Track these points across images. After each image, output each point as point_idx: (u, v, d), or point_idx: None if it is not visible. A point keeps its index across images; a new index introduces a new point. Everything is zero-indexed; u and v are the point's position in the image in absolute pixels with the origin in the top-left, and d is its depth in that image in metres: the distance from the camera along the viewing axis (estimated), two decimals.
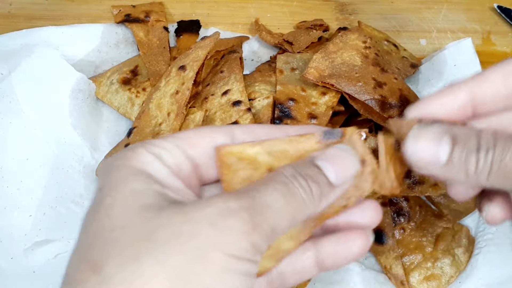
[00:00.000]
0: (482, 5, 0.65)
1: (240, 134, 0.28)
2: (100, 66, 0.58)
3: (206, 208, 0.22)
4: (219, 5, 0.64)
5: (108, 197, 0.24)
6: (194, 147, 0.27)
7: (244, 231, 0.22)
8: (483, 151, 0.26)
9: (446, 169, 0.27)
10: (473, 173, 0.27)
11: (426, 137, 0.27)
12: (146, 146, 0.26)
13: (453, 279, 0.46)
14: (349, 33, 0.52)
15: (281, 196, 0.24)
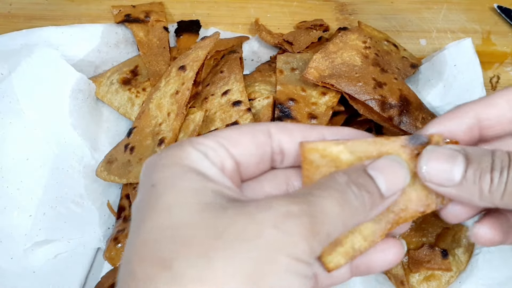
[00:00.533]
0: (482, 5, 0.65)
1: (276, 132, 0.28)
2: (100, 66, 0.58)
3: (269, 210, 0.23)
4: (219, 5, 0.64)
5: (165, 195, 0.24)
6: (236, 145, 0.27)
7: (304, 235, 0.23)
8: (497, 170, 0.27)
9: (459, 188, 0.28)
10: (487, 192, 0.27)
11: (440, 156, 0.28)
12: (193, 144, 0.26)
13: (453, 279, 0.46)
14: (349, 33, 0.52)
15: (337, 204, 0.25)
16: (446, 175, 0.27)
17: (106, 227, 0.48)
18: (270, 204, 0.23)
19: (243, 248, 0.22)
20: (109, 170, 0.48)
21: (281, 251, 0.22)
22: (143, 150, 0.47)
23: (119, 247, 0.45)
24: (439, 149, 0.28)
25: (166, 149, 0.26)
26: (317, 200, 0.24)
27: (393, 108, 0.47)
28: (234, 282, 0.21)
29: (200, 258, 0.21)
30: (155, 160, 0.26)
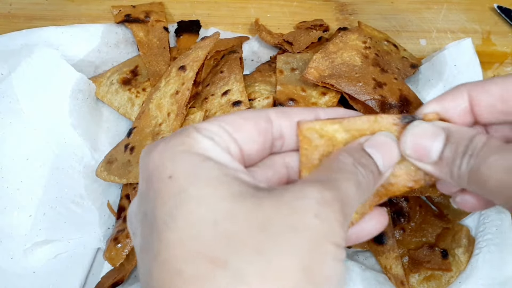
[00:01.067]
0: (482, 5, 0.65)
1: (276, 118, 0.28)
2: (100, 66, 0.58)
3: (305, 199, 0.22)
4: (219, 5, 0.64)
5: (192, 187, 0.22)
6: (239, 131, 0.27)
7: (340, 222, 0.23)
8: (467, 156, 0.27)
9: (436, 166, 0.28)
10: (456, 175, 0.27)
11: (422, 132, 0.28)
12: (198, 130, 0.25)
13: (453, 279, 0.46)
14: (349, 33, 0.52)
15: (354, 186, 0.25)
16: (424, 151, 0.28)
17: (106, 227, 0.48)
18: (304, 193, 0.23)
19: (293, 240, 0.21)
20: (109, 170, 0.48)
21: (327, 239, 0.22)
22: None
23: (119, 247, 0.45)
24: (423, 124, 0.29)
25: (173, 137, 0.25)
26: (341, 185, 0.24)
27: (393, 108, 0.47)
28: (293, 275, 0.21)
29: (254, 254, 0.21)
30: (165, 148, 0.24)
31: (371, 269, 0.47)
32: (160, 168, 0.24)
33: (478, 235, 0.48)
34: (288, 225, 0.21)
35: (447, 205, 0.49)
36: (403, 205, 0.48)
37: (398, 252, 0.46)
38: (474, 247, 0.47)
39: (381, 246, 0.46)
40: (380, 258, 0.46)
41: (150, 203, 0.23)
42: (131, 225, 0.26)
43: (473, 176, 0.26)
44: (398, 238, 0.47)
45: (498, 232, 0.47)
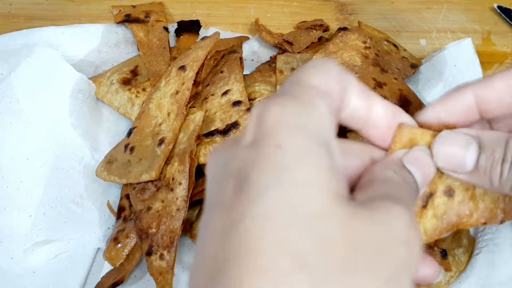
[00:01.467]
0: (482, 5, 0.65)
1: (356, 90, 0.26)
2: (100, 66, 0.58)
3: (397, 224, 0.21)
4: (219, 5, 0.64)
5: (299, 167, 0.20)
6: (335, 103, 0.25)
7: (420, 249, 0.22)
8: (508, 162, 0.26)
9: (472, 175, 0.28)
10: (497, 183, 0.27)
11: (454, 142, 0.28)
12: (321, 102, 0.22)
13: (453, 279, 0.46)
14: (349, 33, 0.52)
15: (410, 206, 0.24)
16: (458, 161, 0.27)
17: (106, 227, 0.48)
18: (391, 214, 0.21)
19: (382, 266, 0.20)
20: (109, 170, 0.48)
21: (409, 271, 0.21)
22: (143, 150, 0.47)
23: (119, 247, 0.45)
24: (453, 134, 0.28)
25: (292, 99, 0.22)
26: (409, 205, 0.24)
27: None
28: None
29: (338, 268, 0.19)
30: (282, 113, 0.22)
31: None
32: (270, 132, 0.21)
33: (478, 235, 0.48)
34: (380, 248, 0.20)
35: None
36: None
37: None
38: (474, 247, 0.47)
39: None
40: None
41: (248, 163, 0.21)
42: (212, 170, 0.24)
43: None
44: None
45: (498, 232, 0.47)
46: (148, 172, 0.45)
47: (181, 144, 0.46)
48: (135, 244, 0.45)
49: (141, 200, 0.46)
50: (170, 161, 0.46)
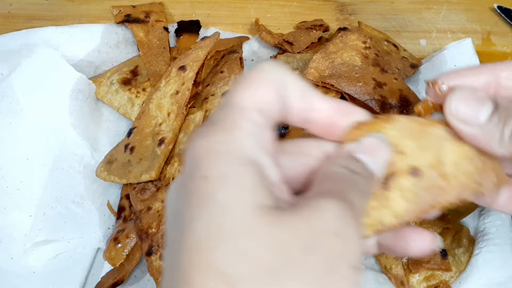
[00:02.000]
0: (482, 5, 0.65)
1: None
2: (100, 66, 0.58)
3: (325, 217, 0.22)
4: (219, 5, 0.64)
5: (221, 193, 0.21)
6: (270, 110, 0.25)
7: (358, 238, 0.22)
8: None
9: (482, 129, 0.28)
10: (507, 138, 0.27)
11: (471, 96, 0.28)
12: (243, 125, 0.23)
13: (453, 279, 0.46)
14: (349, 34, 0.52)
15: (361, 197, 0.24)
16: (473, 113, 0.28)
17: (106, 227, 0.48)
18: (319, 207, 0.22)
19: (310, 262, 0.20)
20: (109, 170, 0.48)
21: (344, 261, 0.21)
22: (143, 150, 0.47)
23: (119, 247, 0.45)
24: (471, 90, 0.28)
25: (215, 129, 0.23)
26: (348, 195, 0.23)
27: (393, 108, 0.47)
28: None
29: (267, 277, 0.20)
30: (207, 144, 0.23)
31: (371, 269, 0.47)
32: (198, 165, 0.22)
33: (478, 235, 0.48)
34: (306, 246, 0.21)
35: None
36: None
37: None
38: (474, 247, 0.47)
39: None
40: (380, 258, 0.46)
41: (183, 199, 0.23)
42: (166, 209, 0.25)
43: None
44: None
45: (498, 232, 0.47)
46: (148, 172, 0.45)
47: (181, 144, 0.46)
48: (135, 244, 0.45)
49: (141, 200, 0.46)
50: (170, 161, 0.46)
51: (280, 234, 0.21)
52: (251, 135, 0.23)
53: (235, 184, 0.22)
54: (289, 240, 0.20)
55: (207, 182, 0.22)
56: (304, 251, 0.20)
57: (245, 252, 0.20)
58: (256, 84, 0.24)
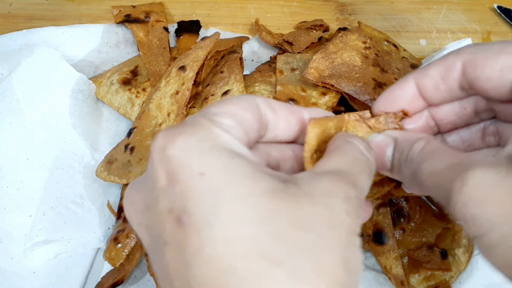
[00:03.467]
0: (482, 5, 0.65)
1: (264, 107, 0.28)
2: (100, 66, 0.58)
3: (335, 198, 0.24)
4: (219, 5, 0.64)
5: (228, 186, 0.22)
6: (243, 121, 0.27)
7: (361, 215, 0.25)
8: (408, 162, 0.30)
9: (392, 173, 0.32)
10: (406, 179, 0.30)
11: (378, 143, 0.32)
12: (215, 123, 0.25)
13: (453, 279, 0.46)
14: (349, 34, 0.52)
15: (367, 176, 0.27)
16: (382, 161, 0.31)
17: (106, 227, 0.48)
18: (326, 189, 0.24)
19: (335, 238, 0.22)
20: (109, 170, 0.48)
21: (355, 233, 0.24)
22: (143, 150, 0.47)
23: (119, 247, 0.45)
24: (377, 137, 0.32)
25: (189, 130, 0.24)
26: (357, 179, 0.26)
27: None
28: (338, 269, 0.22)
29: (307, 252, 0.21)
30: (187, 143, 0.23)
31: (371, 269, 0.47)
32: (189, 165, 0.23)
33: None
34: (328, 223, 0.23)
35: None
36: (403, 205, 0.48)
37: (398, 252, 0.46)
38: (474, 247, 0.47)
39: (381, 246, 0.46)
40: (380, 258, 0.46)
41: (177, 199, 0.22)
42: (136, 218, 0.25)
43: (413, 179, 0.29)
44: (398, 238, 0.47)
45: None
46: None
47: None
48: (135, 244, 0.45)
49: None
50: None
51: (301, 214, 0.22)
52: (228, 133, 0.25)
53: (237, 176, 0.22)
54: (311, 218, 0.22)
55: (207, 179, 0.22)
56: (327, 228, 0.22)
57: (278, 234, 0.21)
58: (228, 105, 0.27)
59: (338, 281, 0.22)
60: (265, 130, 0.29)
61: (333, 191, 0.24)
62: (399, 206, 0.48)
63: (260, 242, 0.21)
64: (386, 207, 0.47)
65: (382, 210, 0.46)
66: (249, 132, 0.27)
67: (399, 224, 0.47)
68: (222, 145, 0.24)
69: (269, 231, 0.21)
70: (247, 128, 0.27)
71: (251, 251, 0.21)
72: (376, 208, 0.47)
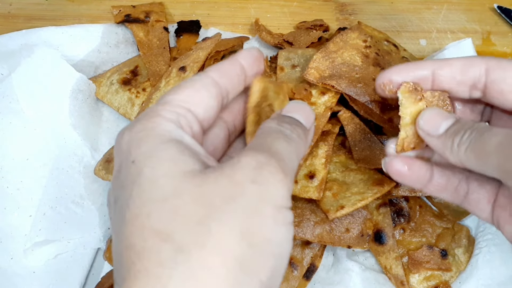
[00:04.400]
0: (482, 5, 0.65)
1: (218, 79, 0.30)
2: (100, 66, 0.58)
3: (243, 169, 0.24)
4: (219, 5, 0.64)
5: (147, 168, 0.24)
6: (198, 105, 0.29)
7: (280, 180, 0.25)
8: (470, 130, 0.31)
9: (439, 140, 0.33)
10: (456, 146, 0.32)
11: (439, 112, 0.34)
12: (162, 113, 0.27)
13: (453, 279, 0.46)
14: (349, 32, 0.52)
15: (285, 142, 0.28)
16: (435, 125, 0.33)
17: (106, 227, 0.48)
18: (242, 163, 0.25)
19: (232, 208, 0.23)
20: (107, 169, 0.48)
21: (265, 202, 0.24)
22: None
23: None
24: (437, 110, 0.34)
25: (137, 122, 0.27)
26: (271, 144, 0.27)
27: (393, 109, 0.47)
28: (231, 240, 0.23)
29: (197, 225, 0.23)
30: (130, 135, 0.26)
31: (371, 269, 0.47)
32: (126, 154, 0.26)
33: (478, 235, 0.48)
34: (227, 195, 0.23)
35: (447, 205, 0.49)
36: (403, 205, 0.48)
37: (398, 252, 0.46)
38: (474, 247, 0.47)
39: (381, 246, 0.46)
40: (380, 258, 0.46)
41: (119, 188, 0.25)
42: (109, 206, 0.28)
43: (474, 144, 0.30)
44: (398, 238, 0.47)
45: (498, 232, 0.47)
46: None
47: None
48: None
49: None
50: None
51: (204, 190, 0.24)
52: (171, 121, 0.27)
53: (159, 159, 0.25)
54: (212, 193, 0.24)
55: (134, 165, 0.25)
56: (225, 200, 0.23)
57: (175, 210, 0.23)
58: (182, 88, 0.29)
59: (232, 252, 0.22)
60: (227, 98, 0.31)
61: (241, 163, 0.25)
62: (399, 206, 0.48)
63: (157, 219, 0.23)
64: (386, 207, 0.47)
65: (382, 210, 0.46)
66: (205, 111, 0.29)
67: (399, 224, 0.47)
68: (158, 131, 0.26)
69: (168, 208, 0.23)
70: (203, 109, 0.29)
71: (146, 228, 0.23)
72: (376, 208, 0.47)
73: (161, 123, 0.27)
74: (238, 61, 0.32)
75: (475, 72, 0.34)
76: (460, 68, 0.34)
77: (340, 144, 0.49)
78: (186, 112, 0.28)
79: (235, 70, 0.32)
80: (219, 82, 0.30)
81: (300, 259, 0.46)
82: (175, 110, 0.28)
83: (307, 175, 0.45)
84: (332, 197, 0.44)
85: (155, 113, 0.27)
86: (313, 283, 0.46)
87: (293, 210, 0.45)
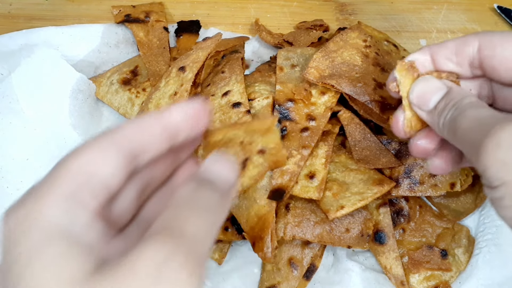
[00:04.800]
0: (482, 5, 0.65)
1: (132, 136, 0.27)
2: (100, 66, 0.58)
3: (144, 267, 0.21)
4: (219, 5, 0.64)
5: (28, 272, 0.22)
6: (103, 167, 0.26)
7: (184, 281, 0.21)
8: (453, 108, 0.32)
9: (430, 115, 0.34)
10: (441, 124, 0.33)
11: (430, 84, 0.35)
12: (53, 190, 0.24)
13: (453, 279, 0.46)
14: (349, 31, 0.52)
15: (202, 220, 0.24)
16: (425, 100, 0.35)
17: None
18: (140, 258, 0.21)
19: None
20: None
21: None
22: None
23: None
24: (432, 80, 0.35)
25: (23, 204, 0.24)
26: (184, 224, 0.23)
27: (393, 109, 0.47)
28: None
29: None
30: (18, 220, 0.23)
31: (371, 269, 0.47)
32: (14, 242, 0.23)
33: (478, 235, 0.48)
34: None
35: (447, 205, 0.49)
36: (403, 205, 0.48)
37: (398, 252, 0.46)
38: (474, 247, 0.47)
39: (381, 246, 0.46)
40: (380, 258, 0.46)
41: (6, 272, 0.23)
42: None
43: (452, 123, 0.31)
44: (398, 238, 0.47)
45: (498, 232, 0.47)
46: None
47: None
48: None
49: None
50: None
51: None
52: (63, 200, 0.24)
53: (43, 261, 0.22)
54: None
55: (20, 258, 0.22)
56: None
57: None
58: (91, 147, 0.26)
59: None
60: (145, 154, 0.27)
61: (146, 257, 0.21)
62: (399, 206, 0.48)
63: None
64: (386, 207, 0.47)
65: (382, 210, 0.46)
66: (111, 175, 0.25)
67: (399, 224, 0.47)
68: (42, 226, 0.23)
69: None
70: (109, 172, 0.25)
71: None
72: (376, 208, 0.47)
73: (49, 208, 0.23)
74: (164, 117, 0.27)
75: (469, 51, 0.35)
76: (455, 49, 0.35)
77: (340, 144, 0.49)
78: (89, 178, 0.25)
79: (157, 127, 0.27)
80: (132, 139, 0.26)
81: (300, 259, 0.46)
82: (74, 179, 0.25)
83: (307, 175, 0.45)
84: (332, 197, 0.44)
85: (46, 190, 0.24)
86: (313, 283, 0.46)
87: (293, 210, 0.45)
